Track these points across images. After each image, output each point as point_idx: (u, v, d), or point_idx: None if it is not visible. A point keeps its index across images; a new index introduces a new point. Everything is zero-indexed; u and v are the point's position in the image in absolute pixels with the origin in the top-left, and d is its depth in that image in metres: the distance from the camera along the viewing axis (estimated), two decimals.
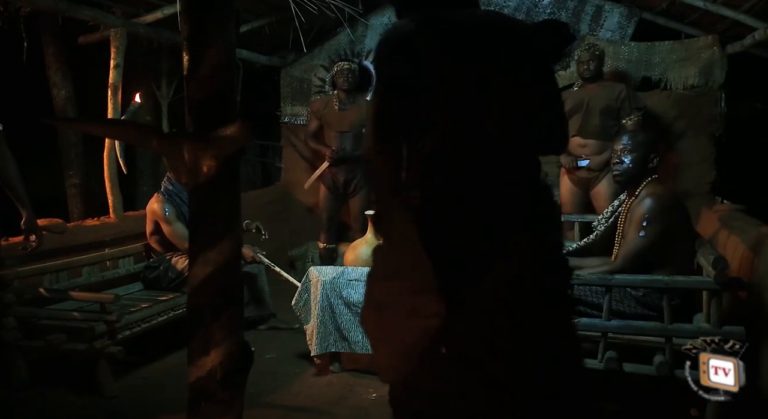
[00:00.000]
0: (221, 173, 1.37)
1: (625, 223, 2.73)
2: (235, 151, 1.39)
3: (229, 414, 1.41)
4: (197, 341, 1.39)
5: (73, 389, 2.97)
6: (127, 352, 2.94)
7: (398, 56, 1.35)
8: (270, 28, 4.88)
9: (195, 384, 1.40)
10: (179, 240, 3.56)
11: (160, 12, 4.18)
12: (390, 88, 1.35)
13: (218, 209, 1.40)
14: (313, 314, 3.14)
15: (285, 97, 5.72)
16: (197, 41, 1.35)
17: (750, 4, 3.83)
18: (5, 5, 3.73)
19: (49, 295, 3.11)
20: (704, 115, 4.59)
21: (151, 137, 1.52)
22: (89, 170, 5.49)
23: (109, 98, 4.00)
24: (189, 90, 1.38)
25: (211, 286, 1.38)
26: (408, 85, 1.31)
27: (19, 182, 2.76)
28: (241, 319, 1.47)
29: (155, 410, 2.77)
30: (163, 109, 5.66)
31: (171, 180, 3.73)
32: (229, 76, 1.40)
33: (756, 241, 2.74)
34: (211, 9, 1.36)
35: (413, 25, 1.35)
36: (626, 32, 4.80)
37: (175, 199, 3.65)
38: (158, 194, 3.71)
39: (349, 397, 2.90)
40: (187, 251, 3.50)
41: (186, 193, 3.63)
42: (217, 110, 1.38)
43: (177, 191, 3.67)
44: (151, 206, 3.67)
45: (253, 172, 7.75)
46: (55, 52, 5.32)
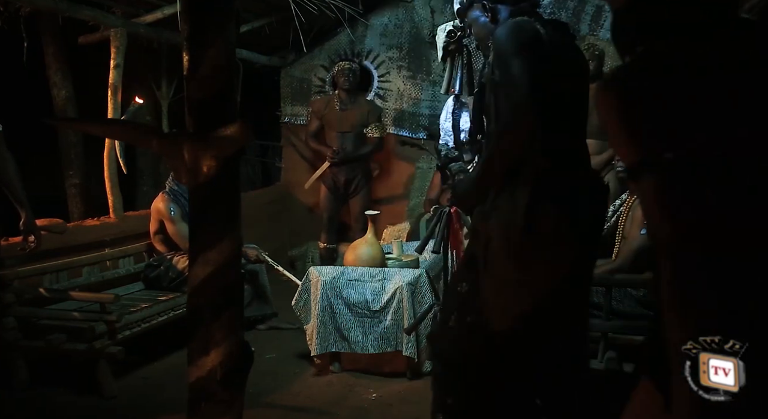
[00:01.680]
0: (221, 173, 1.37)
1: (626, 222, 2.74)
2: (235, 151, 1.39)
3: (229, 414, 1.41)
4: (197, 341, 1.39)
5: (73, 389, 2.97)
6: (127, 352, 2.95)
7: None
8: (270, 28, 4.88)
9: (195, 384, 1.40)
10: (182, 240, 3.57)
11: (160, 12, 4.18)
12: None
13: (218, 209, 1.39)
14: (313, 314, 3.15)
15: (285, 97, 5.72)
16: (197, 41, 1.35)
17: (750, 4, 3.83)
18: (5, 5, 3.73)
19: (49, 295, 3.11)
20: None
21: (151, 137, 1.52)
22: (89, 170, 5.49)
23: (109, 98, 4.00)
24: (189, 90, 1.38)
25: (211, 286, 1.38)
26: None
27: (19, 183, 2.76)
28: (241, 319, 1.47)
29: (155, 410, 2.78)
30: (163, 109, 5.67)
31: (173, 180, 3.74)
32: (229, 76, 1.40)
33: None
34: (211, 9, 1.36)
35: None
36: None
37: (180, 199, 3.67)
38: (163, 193, 3.73)
39: (349, 397, 2.90)
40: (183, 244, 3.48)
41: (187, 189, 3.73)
42: (217, 110, 1.38)
43: (182, 191, 3.67)
44: (156, 204, 3.69)
45: (253, 172, 7.76)
46: (55, 52, 5.32)
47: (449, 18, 5.17)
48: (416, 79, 5.32)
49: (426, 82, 5.29)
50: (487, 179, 1.71)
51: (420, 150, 5.18)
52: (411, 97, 5.32)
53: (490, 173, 1.70)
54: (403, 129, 5.29)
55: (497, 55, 1.69)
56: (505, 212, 1.64)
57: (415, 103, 5.31)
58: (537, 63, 1.62)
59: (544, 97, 1.60)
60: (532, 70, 1.60)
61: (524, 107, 1.58)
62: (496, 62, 1.69)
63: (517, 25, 1.72)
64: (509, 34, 1.68)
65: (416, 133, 5.26)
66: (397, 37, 5.33)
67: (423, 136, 5.28)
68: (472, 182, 1.79)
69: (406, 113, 5.33)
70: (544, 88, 1.61)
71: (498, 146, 1.66)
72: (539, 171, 1.63)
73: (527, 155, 1.63)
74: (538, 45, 1.66)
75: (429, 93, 5.27)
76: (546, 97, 1.61)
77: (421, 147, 4.12)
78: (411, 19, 5.28)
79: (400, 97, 5.31)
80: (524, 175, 1.64)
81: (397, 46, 5.32)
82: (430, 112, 5.23)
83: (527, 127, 1.60)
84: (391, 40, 5.33)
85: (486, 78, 1.81)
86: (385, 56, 5.34)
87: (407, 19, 5.29)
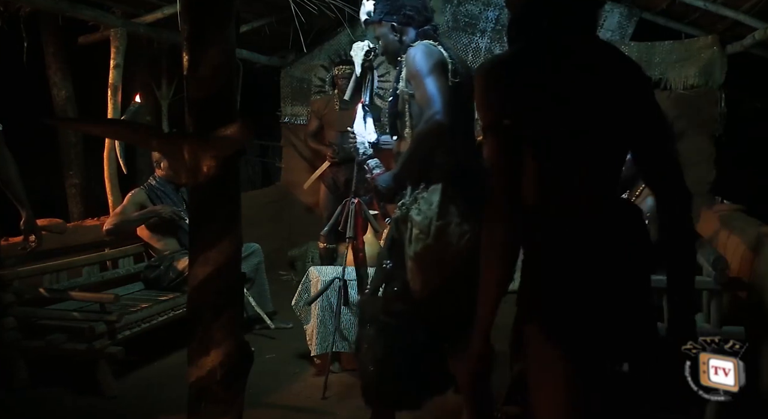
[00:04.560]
0: (221, 173, 1.37)
1: None
2: (235, 151, 1.39)
3: (229, 414, 1.41)
4: (197, 341, 1.39)
5: (73, 389, 2.97)
6: (127, 352, 2.95)
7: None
8: (270, 28, 4.88)
9: (195, 384, 1.40)
10: (116, 216, 3.66)
11: (160, 12, 4.18)
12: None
13: (218, 209, 1.39)
14: (313, 314, 3.15)
15: (285, 97, 5.72)
16: (197, 41, 1.35)
17: (750, 4, 3.83)
18: (5, 5, 3.73)
19: (49, 295, 3.11)
20: (704, 115, 4.59)
21: (151, 137, 1.52)
22: (89, 170, 5.49)
23: (109, 98, 4.00)
24: (189, 90, 1.38)
25: (211, 286, 1.38)
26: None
27: (19, 183, 2.76)
28: (241, 319, 1.47)
29: (155, 410, 2.78)
30: (163, 109, 5.67)
31: (155, 176, 3.89)
32: (229, 76, 1.40)
33: (756, 241, 2.74)
34: (211, 9, 1.36)
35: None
36: (626, 32, 4.80)
37: (154, 193, 3.80)
38: (141, 186, 3.87)
39: (349, 397, 2.90)
40: (112, 228, 3.51)
41: (169, 187, 3.85)
42: (217, 110, 1.38)
43: (160, 186, 3.84)
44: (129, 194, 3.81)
45: (253, 172, 7.76)
46: (55, 52, 5.32)
47: (449, 18, 5.18)
48: None
49: None
50: (406, 176, 2.15)
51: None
52: None
53: (409, 171, 2.13)
54: None
55: (413, 74, 2.08)
56: (422, 205, 2.08)
57: None
58: (445, 82, 2.04)
59: (452, 111, 2.00)
60: (443, 88, 2.01)
61: (438, 120, 1.97)
62: (413, 80, 2.09)
63: (428, 49, 2.10)
64: (423, 57, 2.07)
65: None
66: None
67: None
68: (394, 177, 2.19)
69: None
70: (451, 103, 2.00)
71: (416, 151, 2.07)
72: (449, 173, 2.07)
73: (440, 159, 2.06)
74: (445, 67, 2.07)
75: None
76: (452, 111, 2.00)
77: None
78: None
79: None
80: (437, 175, 2.08)
81: None
82: None
83: (440, 135, 2.00)
84: None
85: (400, 90, 2.20)
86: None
87: None
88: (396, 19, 2.24)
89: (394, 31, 2.27)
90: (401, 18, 2.24)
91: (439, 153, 2.07)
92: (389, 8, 2.26)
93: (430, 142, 2.03)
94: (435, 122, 1.97)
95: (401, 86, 2.19)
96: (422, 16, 2.26)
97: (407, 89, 2.14)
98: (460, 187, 2.08)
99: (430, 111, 1.99)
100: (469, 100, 2.11)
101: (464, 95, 2.11)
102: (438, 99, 1.98)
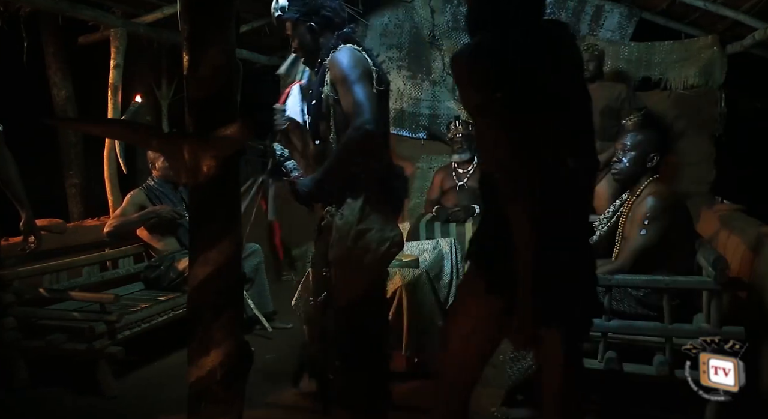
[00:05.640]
0: (221, 173, 1.37)
1: (626, 222, 2.73)
2: (235, 151, 1.39)
3: (229, 414, 1.41)
4: (197, 341, 1.39)
5: (73, 389, 2.97)
6: (127, 352, 2.95)
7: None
8: (270, 28, 4.87)
9: (195, 384, 1.40)
10: (116, 218, 3.67)
11: (160, 12, 4.18)
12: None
13: (218, 209, 1.40)
14: None
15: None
16: (197, 41, 1.35)
17: (750, 4, 3.83)
18: (5, 5, 3.73)
19: (49, 295, 3.11)
20: (704, 115, 4.58)
21: (151, 137, 1.52)
22: (89, 170, 5.50)
23: (109, 98, 4.00)
24: (189, 90, 1.38)
25: (211, 286, 1.38)
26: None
27: (19, 183, 2.76)
28: (241, 319, 1.47)
29: (155, 410, 2.77)
30: (163, 109, 5.66)
31: (153, 177, 3.89)
32: (229, 76, 1.40)
33: (756, 241, 2.74)
34: (211, 9, 1.36)
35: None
36: (626, 32, 4.79)
37: (153, 194, 3.80)
38: (140, 187, 3.86)
39: None
40: (113, 230, 3.53)
41: (167, 187, 3.85)
42: (217, 110, 1.38)
43: (158, 186, 3.85)
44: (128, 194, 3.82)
45: (253, 172, 7.74)
46: (55, 52, 5.33)
47: (449, 18, 5.18)
48: (416, 79, 5.30)
49: (426, 83, 5.27)
50: (329, 182, 2.13)
51: (421, 150, 5.21)
52: (411, 97, 5.30)
53: (333, 178, 2.12)
54: (403, 129, 5.28)
55: (340, 80, 2.07)
56: (346, 210, 2.12)
57: (415, 103, 5.30)
58: (371, 90, 2.06)
59: (379, 117, 2.04)
60: (371, 96, 2.03)
61: (368, 129, 1.98)
62: (340, 86, 2.08)
63: (355, 55, 2.10)
64: (350, 64, 2.06)
65: (416, 133, 5.26)
66: (396, 37, 5.32)
67: (423, 136, 5.28)
68: (315, 183, 2.16)
69: (406, 113, 5.31)
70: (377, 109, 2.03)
71: (342, 158, 2.07)
72: (373, 180, 2.12)
73: (365, 166, 2.09)
74: (370, 75, 2.09)
75: (429, 93, 5.26)
76: (379, 117, 2.04)
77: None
78: (411, 19, 5.26)
79: (400, 97, 5.30)
80: (361, 183, 2.11)
81: (396, 46, 5.32)
82: (430, 112, 5.23)
83: (369, 144, 2.02)
84: (391, 40, 5.32)
85: (325, 95, 2.15)
86: (385, 56, 5.32)
87: (407, 19, 5.28)
88: (314, 20, 2.19)
89: (312, 32, 2.21)
90: (320, 19, 2.19)
91: (364, 161, 2.08)
92: (307, 8, 2.19)
93: (357, 150, 2.04)
94: (365, 131, 1.98)
95: (326, 90, 2.15)
96: (339, 17, 2.22)
97: (332, 94, 2.12)
98: (383, 194, 2.14)
99: (359, 119, 1.99)
100: (387, 108, 2.20)
101: (385, 103, 2.16)
102: (368, 108, 2.00)
